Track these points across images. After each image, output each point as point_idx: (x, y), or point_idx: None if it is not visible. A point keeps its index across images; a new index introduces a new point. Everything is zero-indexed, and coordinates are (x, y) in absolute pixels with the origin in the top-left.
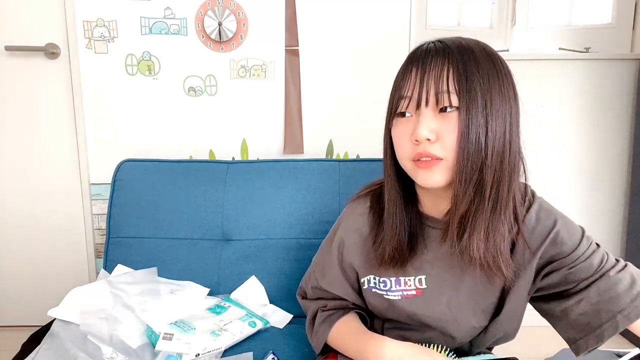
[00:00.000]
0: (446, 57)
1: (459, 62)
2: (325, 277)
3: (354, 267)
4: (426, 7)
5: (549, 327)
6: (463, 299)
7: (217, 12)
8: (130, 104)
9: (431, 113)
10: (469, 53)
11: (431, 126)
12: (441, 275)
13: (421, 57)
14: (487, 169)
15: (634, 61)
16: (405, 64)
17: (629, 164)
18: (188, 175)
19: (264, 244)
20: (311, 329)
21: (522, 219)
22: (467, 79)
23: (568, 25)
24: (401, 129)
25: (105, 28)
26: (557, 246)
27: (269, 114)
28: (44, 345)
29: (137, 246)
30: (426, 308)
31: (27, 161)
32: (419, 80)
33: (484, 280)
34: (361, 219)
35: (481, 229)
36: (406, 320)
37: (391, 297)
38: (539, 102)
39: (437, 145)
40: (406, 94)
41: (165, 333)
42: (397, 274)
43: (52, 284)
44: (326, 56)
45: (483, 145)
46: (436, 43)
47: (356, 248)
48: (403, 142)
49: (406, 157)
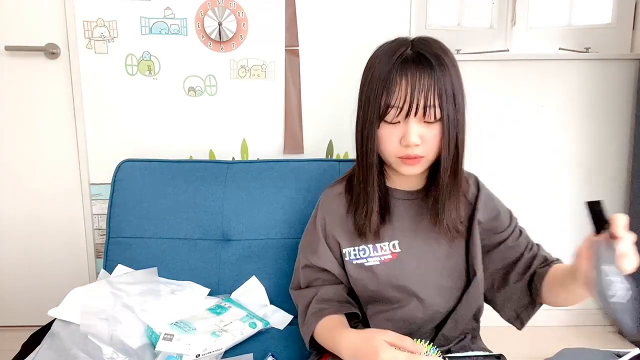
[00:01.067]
0: (431, 73)
1: (440, 78)
2: (314, 253)
3: (336, 239)
4: (426, 7)
5: (549, 327)
6: (431, 260)
7: (217, 12)
8: (130, 104)
9: (417, 122)
10: (444, 66)
11: (419, 132)
12: (411, 241)
13: (407, 69)
14: (459, 158)
15: (634, 61)
16: (388, 70)
17: (629, 164)
18: (188, 175)
19: (264, 244)
20: (303, 318)
21: (467, 191)
22: (446, 93)
23: (568, 25)
24: (389, 132)
25: (105, 28)
26: (488, 211)
27: (269, 114)
28: (44, 345)
29: (137, 246)
30: (401, 270)
31: (27, 161)
32: (409, 94)
33: (446, 243)
34: (338, 199)
35: (452, 201)
36: (386, 289)
37: (371, 263)
38: (539, 102)
39: (421, 147)
40: (396, 104)
41: (166, 333)
42: (373, 242)
43: (52, 284)
44: (326, 56)
45: (457, 141)
46: (416, 53)
47: (337, 223)
48: (390, 143)
49: (393, 155)
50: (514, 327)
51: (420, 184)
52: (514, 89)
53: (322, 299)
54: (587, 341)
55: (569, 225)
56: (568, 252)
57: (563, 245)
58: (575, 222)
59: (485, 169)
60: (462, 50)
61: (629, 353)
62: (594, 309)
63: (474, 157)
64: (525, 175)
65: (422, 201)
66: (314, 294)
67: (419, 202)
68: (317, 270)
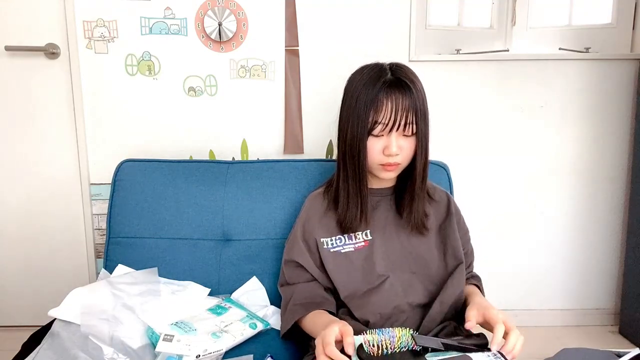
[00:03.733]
0: (410, 96)
1: (416, 100)
2: (292, 249)
3: (314, 237)
4: (426, 7)
5: (548, 327)
6: (399, 248)
7: (217, 12)
8: (130, 104)
9: (398, 135)
10: (418, 90)
11: (398, 144)
12: (382, 231)
13: (391, 92)
14: (427, 164)
15: (634, 61)
16: (374, 93)
17: (629, 164)
18: (188, 175)
19: (264, 244)
20: (283, 312)
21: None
22: (420, 111)
23: (568, 25)
24: (374, 144)
25: (105, 28)
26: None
27: (269, 114)
28: (44, 345)
29: (138, 246)
30: (372, 255)
31: (27, 161)
32: (393, 113)
33: (415, 235)
34: (320, 198)
35: (419, 198)
36: (360, 272)
37: (347, 250)
38: (539, 102)
39: (399, 156)
40: (383, 120)
41: (166, 334)
42: (349, 232)
43: (52, 284)
44: (326, 56)
45: (426, 151)
46: (396, 78)
47: (317, 220)
48: (375, 153)
49: (376, 162)
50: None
51: (390, 184)
52: (514, 89)
53: (297, 299)
54: (587, 341)
55: (569, 225)
56: (567, 252)
57: (563, 245)
58: (575, 222)
59: (485, 168)
60: (462, 50)
61: (629, 353)
62: (594, 309)
63: (474, 157)
64: (525, 175)
65: (391, 198)
66: (292, 292)
67: (390, 199)
68: (295, 265)
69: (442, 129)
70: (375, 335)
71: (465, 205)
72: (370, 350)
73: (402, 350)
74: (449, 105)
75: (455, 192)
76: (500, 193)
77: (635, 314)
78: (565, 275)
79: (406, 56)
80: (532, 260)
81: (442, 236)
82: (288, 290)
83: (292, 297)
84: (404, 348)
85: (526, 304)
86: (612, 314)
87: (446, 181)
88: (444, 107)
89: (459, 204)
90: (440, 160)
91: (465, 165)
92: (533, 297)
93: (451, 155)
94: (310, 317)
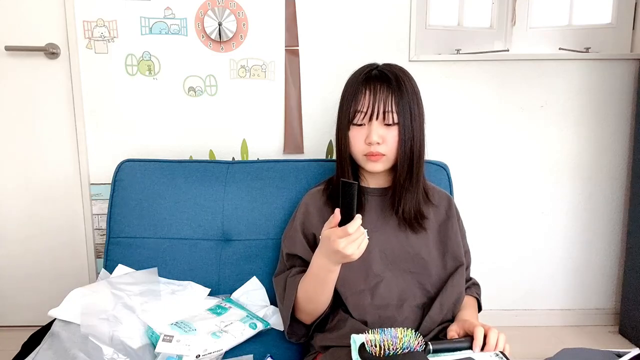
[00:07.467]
0: (389, 86)
1: (396, 89)
2: (291, 241)
3: (312, 231)
4: (426, 7)
5: (549, 327)
6: (395, 246)
7: (217, 12)
8: (130, 104)
9: (379, 124)
10: (401, 82)
11: (379, 133)
12: (377, 229)
13: (371, 82)
14: (414, 159)
15: (634, 61)
16: (356, 85)
17: (629, 164)
18: (188, 175)
19: (264, 244)
20: (282, 294)
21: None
22: (402, 102)
23: (568, 25)
24: (357, 134)
25: (105, 28)
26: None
27: (269, 114)
28: (44, 345)
29: (138, 246)
30: (370, 256)
31: (27, 161)
32: (372, 101)
33: (412, 234)
34: (319, 194)
35: (409, 195)
36: (356, 270)
37: None
38: (539, 102)
39: (382, 146)
40: (361, 109)
41: (166, 335)
42: None
43: (52, 284)
44: (326, 56)
45: (411, 145)
46: (380, 72)
47: (315, 213)
48: (358, 143)
49: (360, 153)
50: (514, 327)
51: (387, 184)
52: (514, 89)
53: (294, 274)
54: (587, 341)
55: (569, 225)
56: (567, 252)
57: (563, 244)
58: (575, 222)
59: (485, 168)
60: (462, 50)
61: (629, 353)
62: (594, 309)
63: (474, 157)
64: (525, 175)
65: (389, 197)
66: (288, 275)
67: (387, 198)
68: (294, 258)
69: (442, 129)
70: (378, 335)
71: (465, 205)
72: (372, 350)
73: (404, 351)
74: (449, 105)
75: (455, 192)
76: (500, 193)
77: (635, 314)
78: (565, 275)
79: (406, 56)
80: (532, 260)
81: (442, 237)
82: (282, 275)
83: (289, 274)
84: (406, 349)
85: (526, 304)
86: (612, 314)
87: (446, 181)
88: (444, 107)
89: (459, 204)
90: (440, 160)
91: (465, 165)
92: (533, 297)
93: (451, 155)
94: (304, 278)
